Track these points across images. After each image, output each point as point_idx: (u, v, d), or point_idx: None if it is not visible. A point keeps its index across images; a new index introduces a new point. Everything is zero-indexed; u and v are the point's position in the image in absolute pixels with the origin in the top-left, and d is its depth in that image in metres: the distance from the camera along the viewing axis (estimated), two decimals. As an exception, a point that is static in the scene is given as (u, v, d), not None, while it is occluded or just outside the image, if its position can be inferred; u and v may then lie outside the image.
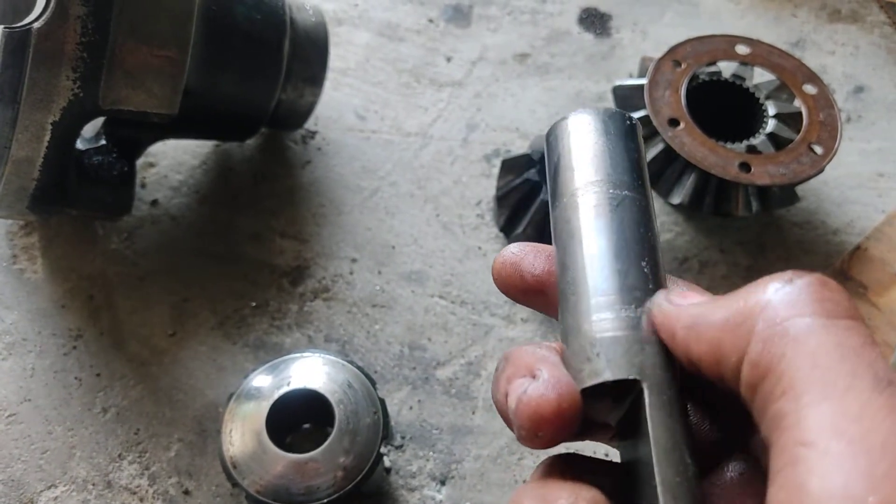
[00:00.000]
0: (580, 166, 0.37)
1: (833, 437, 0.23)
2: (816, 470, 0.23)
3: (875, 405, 0.24)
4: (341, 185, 0.92)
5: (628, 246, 0.34)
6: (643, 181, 0.37)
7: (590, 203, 0.36)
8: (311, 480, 0.67)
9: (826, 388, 0.24)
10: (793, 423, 0.25)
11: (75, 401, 0.77)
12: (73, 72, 0.63)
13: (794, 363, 0.25)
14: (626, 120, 0.39)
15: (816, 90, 0.87)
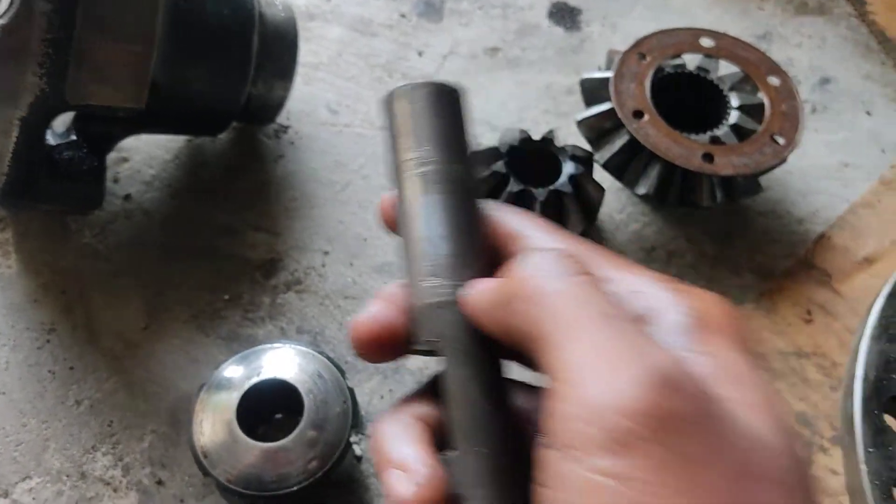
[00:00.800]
0: (402, 140, 0.41)
1: (572, 369, 0.29)
2: (561, 393, 0.29)
3: (603, 340, 0.29)
4: (314, 178, 0.93)
5: (441, 221, 0.38)
6: (462, 153, 0.41)
7: (409, 178, 0.40)
8: (281, 468, 0.68)
9: (568, 336, 0.30)
10: (546, 364, 0.31)
11: (49, 394, 0.78)
12: (40, 67, 0.63)
13: (544, 321, 0.31)
14: (449, 92, 0.42)
15: (780, 82, 0.89)
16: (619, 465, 0.27)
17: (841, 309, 0.86)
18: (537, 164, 0.84)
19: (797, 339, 0.84)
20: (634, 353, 0.29)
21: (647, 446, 0.27)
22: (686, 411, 0.28)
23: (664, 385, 0.28)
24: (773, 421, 0.30)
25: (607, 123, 0.86)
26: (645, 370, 0.28)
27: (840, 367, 0.82)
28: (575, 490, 0.28)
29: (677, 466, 0.27)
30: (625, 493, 0.27)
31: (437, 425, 0.37)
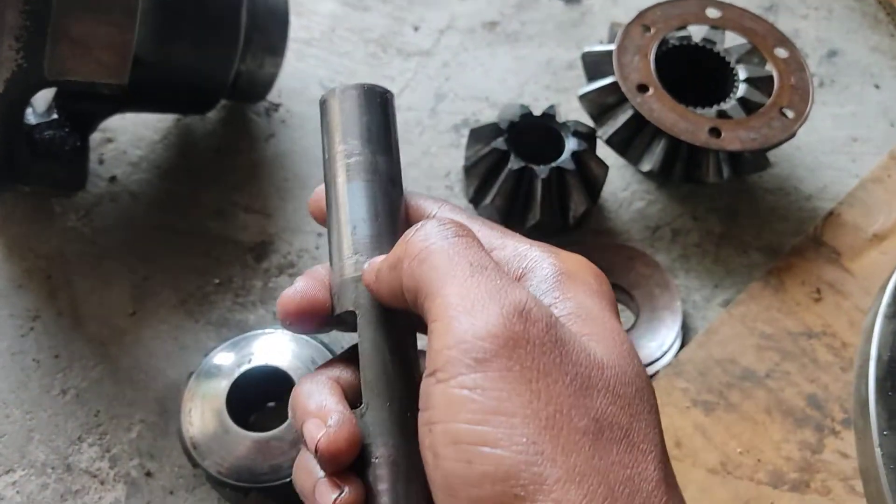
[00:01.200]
0: (332, 135, 0.45)
1: (447, 310, 0.34)
2: (438, 332, 0.34)
3: (471, 284, 0.35)
4: (306, 158, 0.90)
5: (362, 205, 0.43)
6: (386, 146, 0.45)
7: (336, 168, 0.44)
8: (274, 459, 0.65)
9: (444, 284, 0.35)
10: (427, 313, 0.36)
11: (33, 383, 0.75)
12: (16, 41, 0.60)
13: (426, 275, 0.36)
14: (378, 93, 0.46)
15: (788, 54, 0.86)
16: (478, 379, 0.32)
17: (851, 287, 0.83)
18: (538, 141, 0.81)
19: (806, 318, 0.81)
20: (496, 292, 0.34)
21: (501, 362, 0.32)
22: (536, 334, 0.33)
23: (517, 314, 0.33)
24: (616, 347, 0.36)
25: (610, 98, 0.83)
26: (502, 304, 0.34)
27: (850, 347, 0.80)
28: (443, 406, 0.33)
29: (527, 379, 0.32)
30: (483, 402, 0.32)
31: (350, 387, 0.42)
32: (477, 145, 0.82)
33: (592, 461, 0.32)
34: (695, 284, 0.83)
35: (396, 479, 0.38)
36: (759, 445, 0.74)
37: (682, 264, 0.84)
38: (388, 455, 0.38)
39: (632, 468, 0.32)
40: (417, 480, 0.38)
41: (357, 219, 0.42)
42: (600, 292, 0.39)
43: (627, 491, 0.32)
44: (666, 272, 0.82)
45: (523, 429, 0.31)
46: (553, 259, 0.40)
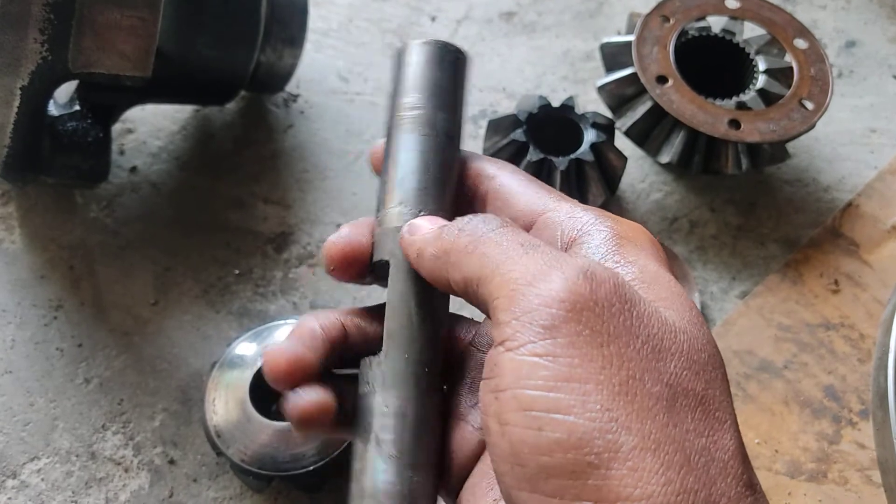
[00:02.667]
0: (399, 87, 0.44)
1: (508, 284, 0.34)
2: (502, 306, 0.34)
3: (528, 260, 0.34)
4: (325, 149, 0.90)
5: (414, 158, 0.42)
6: (451, 105, 0.44)
7: (396, 119, 0.43)
8: (296, 448, 0.66)
9: (499, 265, 0.35)
10: (485, 294, 0.35)
11: (57, 372, 0.76)
12: (41, 34, 0.61)
13: (477, 263, 0.36)
14: (452, 51, 0.45)
15: (807, 45, 0.85)
16: (548, 346, 0.31)
17: (869, 279, 0.83)
18: (557, 132, 0.81)
19: (824, 310, 0.81)
20: (555, 261, 0.34)
21: (570, 326, 0.32)
22: (604, 295, 0.33)
23: (584, 278, 0.33)
24: (686, 313, 0.35)
25: (629, 89, 0.83)
26: (566, 270, 0.33)
27: (868, 338, 0.80)
28: (512, 373, 0.32)
29: (598, 343, 0.32)
30: (555, 368, 0.31)
31: (360, 333, 0.42)
32: (495, 136, 0.83)
33: (667, 429, 0.31)
34: (712, 276, 0.83)
35: (403, 430, 0.38)
36: (776, 436, 0.74)
37: (700, 256, 0.84)
38: (398, 406, 0.38)
39: (707, 437, 0.32)
40: (426, 435, 0.38)
41: (407, 171, 0.42)
42: (659, 258, 0.38)
43: (703, 460, 0.31)
44: (684, 263, 0.82)
45: (597, 395, 0.31)
46: (610, 222, 0.39)
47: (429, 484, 0.39)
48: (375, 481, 0.38)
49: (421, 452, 0.38)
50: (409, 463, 0.38)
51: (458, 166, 0.44)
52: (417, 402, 0.38)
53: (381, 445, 0.38)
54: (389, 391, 0.39)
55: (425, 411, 0.38)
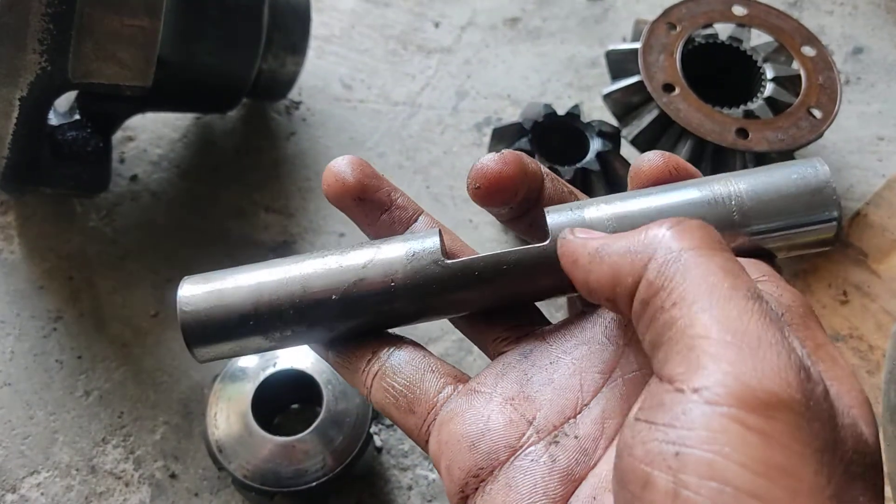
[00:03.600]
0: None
1: (722, 331, 0.30)
2: (711, 352, 0.29)
3: (749, 310, 0.30)
4: (327, 156, 0.89)
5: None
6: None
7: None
8: (299, 463, 0.65)
9: (712, 297, 0.31)
10: (686, 323, 0.31)
11: (56, 384, 0.75)
12: (40, 44, 0.60)
13: (686, 280, 0.32)
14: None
15: (815, 52, 0.84)
16: (764, 423, 0.27)
17: (878, 289, 0.82)
18: (563, 141, 0.80)
19: (832, 321, 0.80)
20: (774, 335, 0.30)
21: (791, 417, 0.28)
22: (818, 400, 0.29)
23: (802, 370, 0.29)
24: (872, 423, 0.32)
25: (635, 97, 0.82)
26: (784, 353, 0.29)
27: (877, 350, 0.79)
28: (709, 432, 0.28)
29: (817, 447, 0.28)
30: (769, 452, 0.27)
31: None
32: (500, 145, 0.82)
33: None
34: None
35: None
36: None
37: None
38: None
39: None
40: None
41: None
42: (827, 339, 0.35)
43: None
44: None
45: (807, 499, 0.27)
46: (791, 290, 0.36)
47: None
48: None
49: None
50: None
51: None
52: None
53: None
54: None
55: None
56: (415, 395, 0.41)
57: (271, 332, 0.41)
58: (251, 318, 0.40)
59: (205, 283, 0.42)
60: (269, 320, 0.40)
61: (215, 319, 0.40)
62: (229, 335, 0.41)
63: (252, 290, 0.41)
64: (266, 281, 0.41)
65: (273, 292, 0.40)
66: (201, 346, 0.41)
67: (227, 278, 0.42)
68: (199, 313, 0.41)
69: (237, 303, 0.40)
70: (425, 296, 0.40)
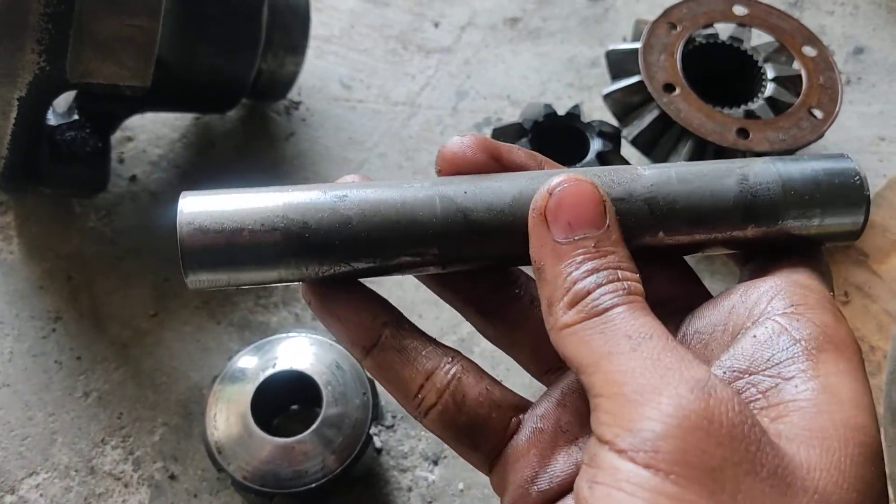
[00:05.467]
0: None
1: (615, 386, 0.32)
2: (607, 409, 0.32)
3: (633, 360, 0.32)
4: (327, 157, 0.89)
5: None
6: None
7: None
8: (299, 465, 0.65)
9: (600, 359, 0.33)
10: (593, 392, 0.33)
11: (55, 385, 0.75)
12: (38, 44, 0.60)
13: (578, 352, 0.34)
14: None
15: (816, 52, 0.84)
16: (655, 459, 0.29)
17: (879, 290, 0.82)
18: (563, 141, 0.80)
19: (834, 322, 0.80)
20: (667, 373, 0.31)
21: (677, 455, 0.29)
22: (721, 423, 0.30)
23: (699, 397, 0.30)
24: (837, 452, 0.31)
25: (636, 97, 0.82)
26: (678, 387, 0.31)
27: (878, 351, 0.79)
28: (613, 474, 0.30)
29: (710, 479, 0.29)
30: (659, 484, 0.29)
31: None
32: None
33: None
34: (720, 287, 0.82)
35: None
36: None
37: (707, 266, 0.83)
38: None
39: None
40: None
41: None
42: (857, 367, 0.34)
43: None
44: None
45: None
46: (813, 315, 0.35)
47: None
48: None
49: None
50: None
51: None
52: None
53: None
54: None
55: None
56: (479, 434, 0.39)
57: (292, 259, 0.36)
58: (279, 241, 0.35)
59: (216, 195, 0.37)
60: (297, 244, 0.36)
61: (227, 238, 0.36)
62: (241, 260, 0.36)
63: (275, 209, 0.36)
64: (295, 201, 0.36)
65: (310, 211, 0.36)
66: (201, 270, 0.37)
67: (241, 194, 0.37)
68: (206, 229, 0.36)
69: (260, 217, 0.35)
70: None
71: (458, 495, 0.71)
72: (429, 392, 0.39)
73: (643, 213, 0.38)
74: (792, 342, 0.34)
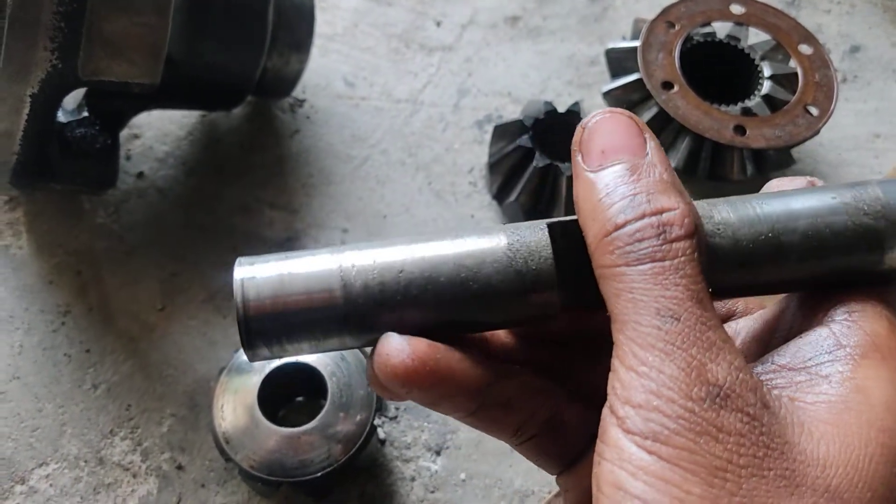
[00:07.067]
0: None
1: (630, 359, 0.32)
2: (622, 379, 0.32)
3: (654, 340, 0.31)
4: (331, 154, 0.90)
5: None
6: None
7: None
8: (304, 454, 0.66)
9: (626, 324, 0.32)
10: (615, 348, 0.33)
11: (65, 377, 0.76)
12: (51, 42, 0.61)
13: (611, 298, 0.33)
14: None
15: (812, 50, 0.86)
16: (659, 448, 0.30)
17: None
18: (563, 138, 0.81)
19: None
20: (686, 365, 0.31)
21: (683, 443, 0.30)
22: (731, 425, 0.31)
23: (710, 400, 0.31)
24: (857, 450, 0.31)
25: (635, 95, 0.83)
26: (689, 384, 0.31)
27: None
28: (618, 450, 0.31)
29: (715, 467, 0.30)
30: (661, 471, 0.30)
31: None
32: (501, 142, 0.83)
33: None
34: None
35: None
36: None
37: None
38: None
39: None
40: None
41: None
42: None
43: None
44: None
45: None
46: (865, 324, 0.35)
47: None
48: None
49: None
50: None
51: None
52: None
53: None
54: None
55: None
56: (565, 453, 0.41)
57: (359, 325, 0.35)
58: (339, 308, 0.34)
59: (273, 262, 0.36)
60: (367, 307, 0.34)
61: (288, 308, 0.35)
62: (304, 329, 0.35)
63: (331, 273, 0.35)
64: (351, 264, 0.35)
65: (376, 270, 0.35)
66: (266, 342, 0.35)
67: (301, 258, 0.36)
68: (265, 301, 0.35)
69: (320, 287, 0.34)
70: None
71: (460, 485, 0.73)
72: (529, 428, 0.40)
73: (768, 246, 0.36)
74: (837, 346, 0.34)
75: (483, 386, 0.37)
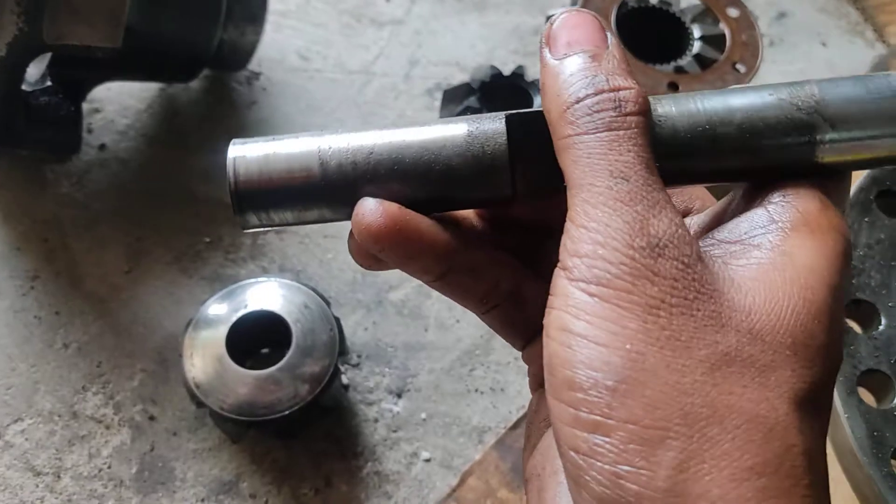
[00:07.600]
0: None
1: (581, 217, 0.35)
2: (571, 236, 0.35)
3: (605, 198, 0.34)
4: (288, 123, 0.94)
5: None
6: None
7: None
8: (272, 395, 0.70)
9: (580, 187, 0.35)
10: (568, 209, 0.36)
11: (36, 338, 0.79)
12: (18, 6, 0.64)
13: (567, 166, 0.36)
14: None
15: (739, 13, 0.91)
16: (600, 291, 0.34)
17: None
18: (508, 99, 0.86)
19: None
20: (630, 217, 0.34)
21: (623, 284, 0.33)
22: (668, 271, 0.34)
23: (649, 249, 0.34)
24: (787, 302, 0.34)
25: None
26: (633, 234, 0.34)
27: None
28: (564, 298, 0.34)
29: (649, 306, 0.33)
30: (600, 309, 0.33)
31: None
32: (451, 105, 0.87)
33: (703, 386, 0.32)
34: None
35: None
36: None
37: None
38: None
39: (756, 404, 0.32)
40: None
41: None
42: (830, 249, 0.36)
43: (740, 422, 0.32)
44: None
45: (632, 340, 0.33)
46: (798, 203, 0.37)
47: None
48: None
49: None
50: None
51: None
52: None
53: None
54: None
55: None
56: (527, 326, 0.45)
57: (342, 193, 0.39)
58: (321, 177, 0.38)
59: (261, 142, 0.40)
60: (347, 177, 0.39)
61: (276, 177, 0.39)
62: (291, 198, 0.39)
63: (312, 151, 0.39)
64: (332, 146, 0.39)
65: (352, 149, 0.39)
66: (254, 211, 0.40)
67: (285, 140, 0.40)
68: (253, 176, 0.40)
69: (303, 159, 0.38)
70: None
71: (420, 424, 0.77)
72: (493, 297, 0.43)
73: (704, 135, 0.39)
74: (770, 221, 0.37)
75: (451, 250, 0.41)
